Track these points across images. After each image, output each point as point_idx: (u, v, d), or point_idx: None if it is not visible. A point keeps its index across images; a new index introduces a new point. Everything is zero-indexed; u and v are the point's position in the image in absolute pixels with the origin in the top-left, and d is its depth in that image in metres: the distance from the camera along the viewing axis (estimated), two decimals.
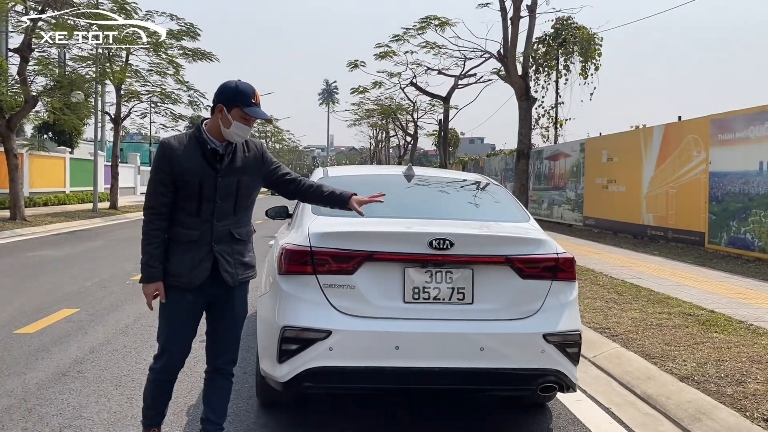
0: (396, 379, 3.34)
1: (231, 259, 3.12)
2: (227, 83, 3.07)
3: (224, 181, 3.05)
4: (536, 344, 3.37)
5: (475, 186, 4.57)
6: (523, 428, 3.94)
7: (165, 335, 3.17)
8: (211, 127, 3.07)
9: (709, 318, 6.47)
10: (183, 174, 3.00)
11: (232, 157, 3.08)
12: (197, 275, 3.06)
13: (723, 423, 3.89)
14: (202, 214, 3.06)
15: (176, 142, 3.08)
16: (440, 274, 3.38)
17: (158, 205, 3.05)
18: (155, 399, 3.24)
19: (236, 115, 2.99)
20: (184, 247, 3.08)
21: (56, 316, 6.51)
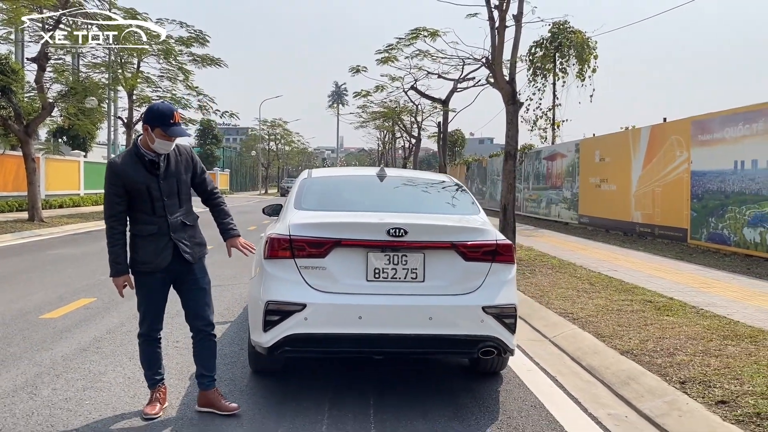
0: (360, 344, 4.04)
1: (188, 242, 3.93)
2: (151, 106, 3.79)
3: (166, 183, 3.84)
4: (476, 315, 4.06)
5: (437, 185, 5.26)
6: (474, 390, 4.60)
7: (144, 307, 3.99)
8: (144, 142, 3.80)
9: (665, 304, 7.11)
10: (132, 184, 3.74)
11: (167, 163, 3.85)
12: (162, 260, 3.85)
13: (646, 386, 4.56)
14: (157, 211, 3.82)
15: (120, 160, 3.81)
16: (397, 258, 4.08)
17: (116, 213, 3.80)
18: (149, 360, 4.03)
19: (158, 134, 3.72)
20: (148, 239, 3.83)
21: (76, 304, 7.26)
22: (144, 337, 4.02)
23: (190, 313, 4.05)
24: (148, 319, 4.00)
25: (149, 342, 4.03)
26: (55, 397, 4.22)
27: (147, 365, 4.05)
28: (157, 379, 4.05)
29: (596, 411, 4.27)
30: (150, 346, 4.03)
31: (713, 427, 3.75)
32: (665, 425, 3.94)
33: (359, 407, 4.15)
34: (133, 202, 3.80)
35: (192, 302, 4.02)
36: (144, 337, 4.02)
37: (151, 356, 4.04)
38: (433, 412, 4.12)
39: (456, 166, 42.64)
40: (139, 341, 4.06)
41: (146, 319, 4.00)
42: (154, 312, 4.00)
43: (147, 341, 4.02)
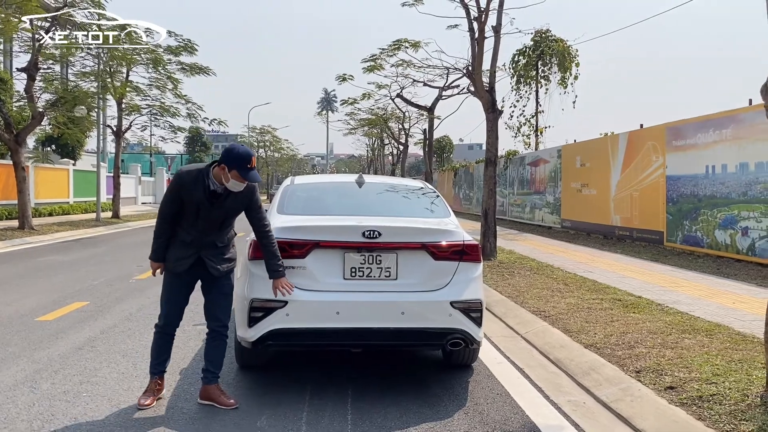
0: (338, 337, 4.38)
1: (215, 258, 4.28)
2: (232, 148, 4.11)
3: (215, 210, 4.19)
4: (445, 309, 4.41)
5: (412, 190, 5.62)
6: (446, 381, 4.94)
7: (165, 302, 4.37)
8: (216, 173, 4.14)
9: (633, 302, 7.49)
10: (188, 198, 4.14)
11: (227, 197, 4.19)
12: (179, 265, 4.25)
13: (604, 375, 4.92)
14: (197, 226, 4.21)
15: (187, 175, 4.17)
16: (372, 257, 4.42)
17: (167, 214, 4.23)
18: (159, 350, 4.36)
19: (234, 176, 4.06)
20: (179, 244, 4.26)
21: (70, 307, 7.54)
22: (160, 329, 4.37)
23: (210, 314, 4.39)
24: (168, 315, 4.36)
25: (163, 335, 4.38)
26: (54, 390, 4.52)
27: (155, 354, 4.38)
28: (160, 369, 4.37)
29: (557, 398, 4.62)
30: (163, 338, 4.38)
31: (660, 409, 4.12)
32: (618, 409, 4.30)
33: (338, 397, 4.48)
34: (183, 210, 4.21)
35: (213, 305, 4.37)
36: (160, 329, 4.37)
37: (162, 347, 4.38)
38: (406, 400, 4.45)
39: (444, 171, 43.09)
40: (154, 330, 4.41)
41: (167, 314, 4.36)
42: (175, 309, 4.37)
43: (161, 334, 4.37)
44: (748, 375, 4.51)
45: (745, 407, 3.93)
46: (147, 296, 8.33)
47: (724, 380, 4.42)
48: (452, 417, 4.18)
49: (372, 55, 18.95)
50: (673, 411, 4.03)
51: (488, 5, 11.64)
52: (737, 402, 4.02)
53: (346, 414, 4.17)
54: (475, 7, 11.86)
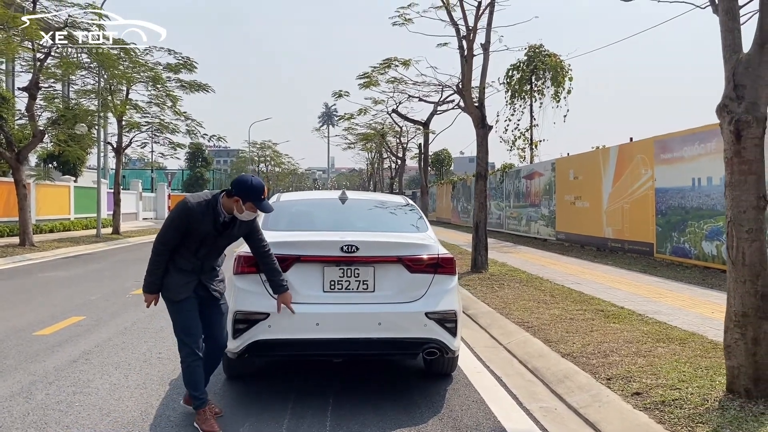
0: (318, 347, 4.59)
1: (213, 282, 4.34)
2: (244, 180, 4.14)
3: (220, 240, 4.28)
4: (420, 320, 4.62)
5: (392, 206, 5.85)
6: (424, 389, 5.13)
7: (180, 331, 4.25)
8: (226, 204, 4.17)
9: (615, 313, 7.69)
10: (195, 229, 4.11)
11: (232, 226, 4.28)
12: (182, 292, 4.21)
13: (577, 383, 5.12)
14: (199, 254, 4.23)
15: (196, 205, 4.11)
16: (350, 271, 4.64)
17: (169, 243, 4.16)
18: (197, 379, 4.21)
19: (248, 207, 4.17)
20: (179, 272, 4.22)
21: (66, 322, 7.76)
22: (192, 357, 4.21)
23: (208, 333, 4.37)
24: (195, 340, 4.23)
25: (197, 361, 4.22)
26: (48, 401, 4.73)
27: (195, 386, 4.23)
28: (205, 398, 4.25)
29: (530, 405, 4.82)
30: (197, 366, 4.22)
31: (624, 414, 4.32)
32: (587, 414, 4.50)
33: (320, 404, 4.68)
34: (184, 240, 4.16)
35: (211, 325, 4.37)
36: (192, 357, 4.21)
37: (198, 376, 4.24)
38: (384, 407, 4.66)
39: (442, 185, 43.36)
40: (186, 364, 4.21)
41: (191, 339, 4.21)
42: (197, 332, 4.25)
43: (195, 361, 4.22)
44: (711, 381, 4.71)
45: (704, 411, 4.12)
46: (142, 311, 8.54)
47: (688, 386, 4.62)
48: (427, 423, 4.37)
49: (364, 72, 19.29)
50: (636, 415, 4.23)
51: (476, 24, 11.93)
52: (697, 406, 4.22)
53: (325, 420, 4.37)
54: (464, 26, 12.15)
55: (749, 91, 4.22)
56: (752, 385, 4.22)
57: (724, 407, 4.14)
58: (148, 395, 4.90)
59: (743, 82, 4.24)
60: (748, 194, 4.24)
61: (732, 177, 4.32)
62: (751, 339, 4.23)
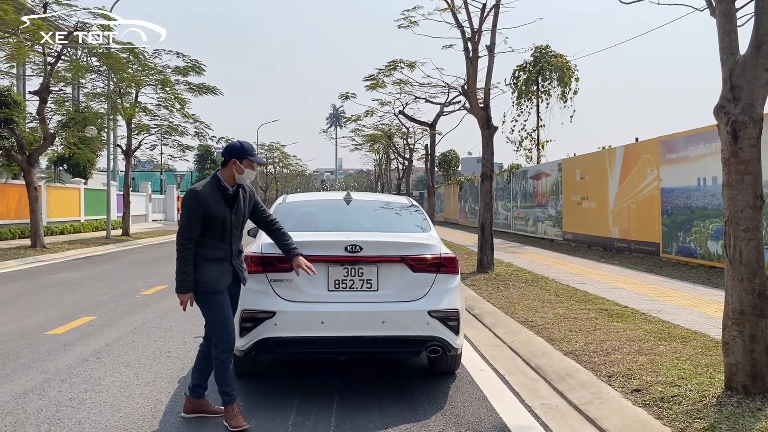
0: (322, 345, 4.69)
1: (241, 266, 4.45)
2: (233, 144, 4.34)
3: (236, 216, 4.37)
4: (423, 318, 4.72)
5: (396, 207, 5.96)
6: (428, 387, 5.22)
7: (217, 326, 4.27)
8: (225, 176, 4.32)
9: (619, 312, 7.74)
10: (211, 212, 4.18)
11: (239, 200, 4.41)
12: (224, 281, 4.30)
13: (579, 380, 5.20)
14: (225, 239, 4.30)
15: (204, 189, 4.22)
16: (354, 270, 4.74)
17: (192, 236, 4.18)
18: (228, 376, 4.24)
19: (246, 164, 4.32)
20: (213, 263, 4.26)
21: (78, 322, 7.90)
22: (227, 353, 4.25)
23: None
24: (229, 334, 4.29)
25: (230, 358, 4.26)
26: (60, 397, 4.86)
27: (226, 382, 4.24)
28: (235, 395, 4.28)
29: (532, 402, 4.90)
30: (230, 361, 4.26)
31: (624, 410, 4.39)
32: (587, 411, 4.58)
33: (325, 401, 4.78)
34: (206, 229, 4.21)
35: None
36: (227, 353, 4.25)
37: (231, 372, 4.27)
38: (388, 404, 4.75)
39: (450, 185, 43.41)
40: (220, 359, 4.23)
41: (227, 335, 4.27)
42: (227, 329, 4.28)
43: (229, 357, 4.25)
44: (711, 378, 4.78)
45: (702, 407, 4.19)
46: (152, 311, 8.68)
47: (688, 383, 4.69)
48: (429, 419, 4.47)
49: (370, 75, 19.41)
50: (635, 411, 4.30)
51: (481, 25, 12.03)
52: (695, 402, 4.29)
53: (330, 417, 4.47)
54: (469, 28, 12.25)
55: (746, 93, 4.29)
56: (750, 381, 4.29)
57: (722, 403, 4.21)
58: (157, 392, 5.02)
59: (740, 84, 4.31)
60: (745, 194, 4.31)
61: (729, 177, 4.39)
62: (748, 336, 4.29)
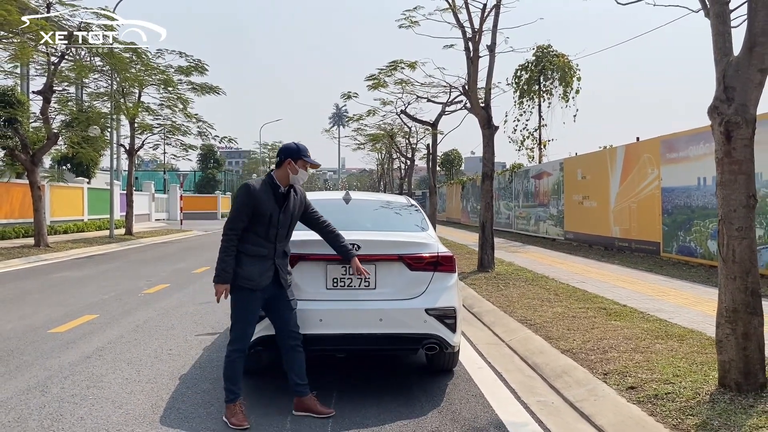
0: (321, 343, 4.75)
1: (284, 269, 4.48)
2: (289, 144, 4.51)
3: (284, 216, 4.45)
4: (420, 316, 4.77)
5: (394, 206, 6.02)
6: (426, 384, 5.29)
7: (240, 324, 4.36)
8: (279, 176, 4.46)
9: (617, 311, 7.79)
10: (260, 208, 4.29)
11: (289, 200, 4.50)
12: (264, 279, 4.33)
13: (575, 377, 5.25)
14: (269, 237, 4.36)
15: (257, 184, 4.36)
16: (352, 269, 4.80)
17: (238, 228, 4.27)
18: (237, 374, 4.33)
19: (301, 164, 4.46)
20: (255, 260, 4.32)
21: (80, 320, 7.98)
22: (239, 353, 4.34)
23: (283, 329, 4.48)
24: (248, 335, 4.39)
25: (242, 357, 4.36)
26: (63, 394, 4.93)
27: (233, 380, 4.33)
28: (238, 394, 4.34)
29: (528, 399, 4.95)
30: (241, 361, 4.36)
31: (618, 407, 4.45)
32: (582, 408, 4.63)
33: (323, 397, 4.82)
34: (252, 224, 4.31)
35: (285, 320, 4.48)
36: (239, 353, 4.34)
37: (239, 371, 4.36)
38: (386, 401, 4.81)
39: (452, 185, 43.46)
40: (231, 357, 4.33)
41: (245, 335, 4.37)
42: (252, 328, 4.41)
43: (241, 357, 4.36)
44: (705, 375, 4.83)
45: (695, 404, 4.25)
46: (154, 309, 8.75)
47: (682, 380, 4.75)
48: (426, 415, 4.53)
49: (371, 75, 19.47)
50: (629, 408, 4.36)
51: (482, 26, 12.08)
52: (688, 399, 4.34)
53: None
54: (469, 28, 12.29)
55: (739, 93, 4.34)
56: (742, 378, 4.34)
57: (715, 400, 4.26)
58: (158, 389, 5.09)
59: (733, 84, 4.36)
60: (738, 193, 4.36)
61: (723, 176, 4.44)
62: (741, 334, 4.35)
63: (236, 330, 4.38)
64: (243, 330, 4.38)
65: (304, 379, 4.53)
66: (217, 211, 54.10)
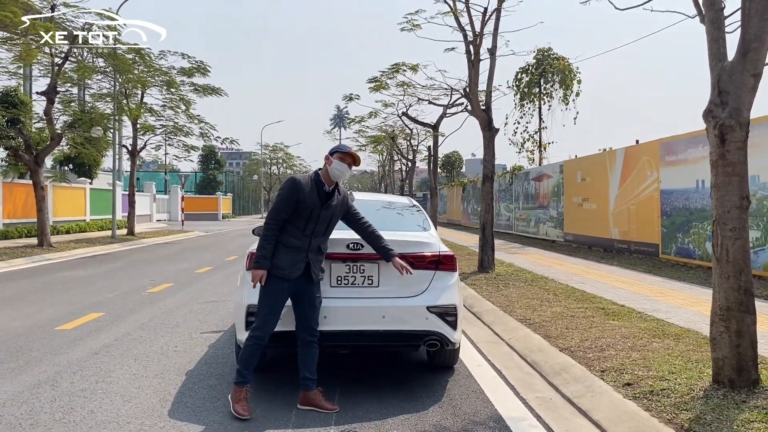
0: (325, 339, 4.86)
1: (317, 264, 4.62)
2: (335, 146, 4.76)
3: (325, 213, 4.61)
4: (422, 313, 4.89)
5: (397, 206, 6.14)
6: (427, 381, 5.40)
7: (265, 311, 4.51)
8: (324, 174, 4.65)
9: (615, 311, 7.91)
10: (303, 201, 4.48)
11: (332, 198, 4.66)
12: (295, 270, 4.51)
13: (573, 374, 5.37)
14: (306, 231, 4.54)
15: (303, 179, 4.58)
16: (355, 267, 4.93)
17: (280, 219, 4.50)
18: (251, 360, 4.49)
19: (337, 156, 4.64)
20: (289, 250, 4.52)
21: (86, 318, 8.10)
22: (258, 339, 4.49)
23: (303, 324, 4.62)
24: (270, 323, 4.52)
25: (260, 345, 4.51)
26: (73, 388, 5.05)
27: (247, 364, 4.48)
28: (248, 379, 4.49)
29: (527, 395, 5.07)
30: (260, 348, 4.51)
31: (614, 402, 4.56)
32: (579, 403, 4.75)
33: (328, 392, 4.92)
34: (293, 217, 4.51)
35: (306, 315, 4.62)
36: (258, 339, 4.49)
37: (255, 357, 4.51)
38: (388, 396, 4.93)
39: (453, 187, 43.60)
40: (250, 342, 4.50)
41: (267, 323, 4.50)
42: (276, 318, 4.53)
43: (259, 344, 4.50)
44: (699, 372, 4.95)
45: (689, 399, 4.37)
46: (159, 308, 8.87)
47: (677, 377, 4.86)
48: (428, 410, 4.64)
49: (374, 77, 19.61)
50: (625, 404, 4.48)
51: (482, 29, 12.20)
52: (683, 395, 4.46)
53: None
54: (471, 31, 12.42)
55: (733, 97, 4.46)
56: (736, 375, 4.46)
57: (709, 396, 4.38)
58: (166, 384, 5.21)
59: (727, 89, 4.48)
60: (732, 195, 4.49)
61: (717, 178, 4.56)
62: (734, 332, 4.47)
63: (260, 316, 4.53)
64: (266, 317, 4.51)
65: (314, 374, 4.66)
66: (218, 212, 54.25)
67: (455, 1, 12.50)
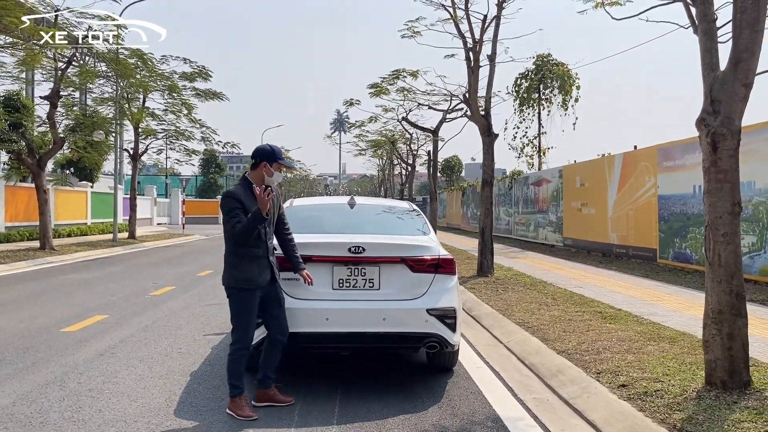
0: (327, 341, 4.99)
1: (276, 265, 4.69)
2: (263, 147, 4.65)
3: (270, 214, 4.63)
4: (422, 316, 5.01)
5: (398, 211, 6.26)
6: (427, 382, 5.52)
7: (243, 324, 4.55)
8: (254, 178, 4.62)
9: (613, 314, 8.02)
10: (247, 209, 4.46)
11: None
12: (264, 278, 4.57)
13: (570, 376, 5.48)
14: (261, 237, 4.56)
15: (237, 190, 4.55)
16: (357, 270, 5.05)
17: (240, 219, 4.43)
18: (239, 370, 4.53)
19: (276, 167, 4.66)
20: (252, 260, 4.53)
21: (91, 320, 8.21)
22: (244, 351, 4.54)
23: (273, 324, 4.71)
24: (250, 333, 4.58)
25: (246, 355, 4.56)
26: (80, 388, 5.16)
27: (237, 375, 4.53)
28: (242, 389, 4.55)
29: (524, 396, 5.19)
30: (245, 358, 4.56)
31: (610, 403, 4.68)
32: (575, 404, 4.86)
33: (328, 394, 5.07)
34: None
35: (276, 316, 4.72)
36: (244, 351, 4.54)
37: (243, 367, 4.56)
38: (388, 397, 5.05)
39: (452, 191, 43.73)
40: (237, 354, 4.53)
41: (247, 335, 4.56)
42: (250, 328, 4.57)
43: (245, 354, 4.55)
44: (693, 374, 5.06)
45: (682, 400, 4.48)
46: (162, 310, 8.99)
47: (671, 379, 4.98)
48: (427, 410, 4.76)
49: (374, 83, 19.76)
50: (620, 404, 4.59)
51: (482, 36, 12.35)
52: (676, 396, 4.57)
53: (333, 407, 4.76)
54: (470, 38, 12.57)
55: (725, 106, 4.59)
56: (728, 377, 4.57)
57: (701, 397, 4.49)
58: (171, 385, 5.32)
59: (719, 98, 4.61)
60: (723, 201, 4.60)
61: (709, 185, 4.68)
62: (726, 335, 4.58)
63: (239, 331, 4.56)
64: (246, 331, 4.57)
65: (273, 373, 4.78)
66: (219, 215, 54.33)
67: (455, 9, 12.66)
